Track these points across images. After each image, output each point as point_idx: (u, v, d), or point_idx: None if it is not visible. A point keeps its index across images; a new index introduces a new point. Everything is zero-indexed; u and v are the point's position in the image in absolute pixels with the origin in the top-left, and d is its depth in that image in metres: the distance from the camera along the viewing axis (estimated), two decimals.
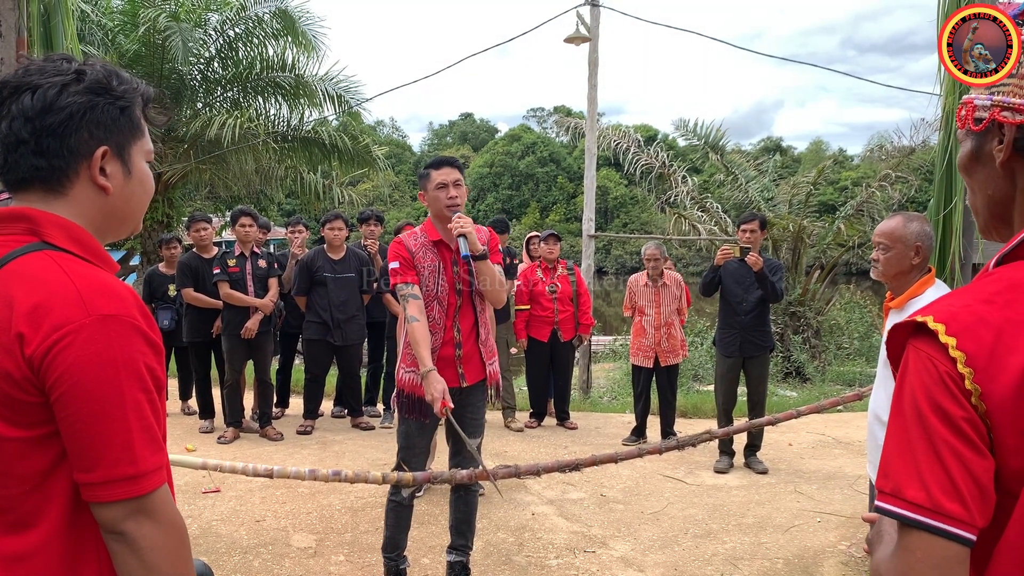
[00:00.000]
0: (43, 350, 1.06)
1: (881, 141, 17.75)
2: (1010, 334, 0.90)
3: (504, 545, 4.24)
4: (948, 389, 0.90)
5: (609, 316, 21.97)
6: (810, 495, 5.17)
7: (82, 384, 1.06)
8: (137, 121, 1.25)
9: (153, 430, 1.13)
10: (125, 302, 1.12)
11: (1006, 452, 0.89)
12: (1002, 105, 0.99)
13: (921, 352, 0.94)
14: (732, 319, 5.81)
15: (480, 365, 3.51)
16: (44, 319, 1.07)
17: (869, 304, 14.36)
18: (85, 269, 1.14)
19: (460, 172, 3.45)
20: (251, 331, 6.23)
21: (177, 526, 1.15)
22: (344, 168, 14.14)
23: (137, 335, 1.12)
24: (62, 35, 4.34)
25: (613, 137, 15.03)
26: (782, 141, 62.54)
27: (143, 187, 1.28)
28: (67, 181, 1.18)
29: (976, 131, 1.03)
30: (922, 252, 2.94)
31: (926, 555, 0.89)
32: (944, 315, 0.93)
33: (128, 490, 1.09)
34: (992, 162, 1.02)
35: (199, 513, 4.57)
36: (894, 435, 0.94)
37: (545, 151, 61.69)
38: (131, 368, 1.10)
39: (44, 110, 1.15)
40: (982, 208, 1.08)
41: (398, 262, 3.36)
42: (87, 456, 1.08)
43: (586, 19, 9.78)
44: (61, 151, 1.16)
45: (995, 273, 0.98)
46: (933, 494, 0.88)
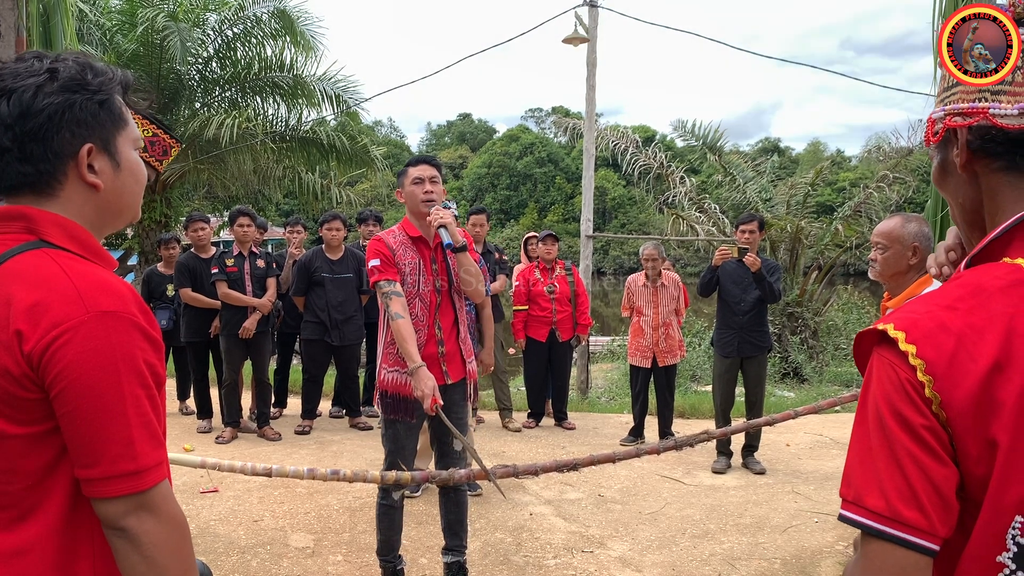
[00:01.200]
0: (42, 347, 1.06)
1: (879, 142, 17.71)
2: (972, 341, 0.89)
3: (502, 545, 4.24)
4: (909, 397, 0.90)
5: (607, 316, 21.98)
6: (807, 495, 5.18)
7: (81, 380, 1.06)
8: (119, 111, 1.22)
9: (153, 426, 1.13)
10: (123, 299, 1.12)
11: (968, 461, 0.88)
12: (953, 112, 1.01)
13: (884, 359, 0.93)
14: (730, 319, 5.82)
15: (461, 362, 3.53)
16: (43, 316, 1.07)
17: (867, 305, 14.39)
18: (83, 266, 1.14)
19: (438, 170, 3.49)
20: (249, 331, 6.22)
21: (179, 522, 1.15)
22: (342, 168, 14.14)
23: (136, 331, 1.12)
24: (61, 35, 4.33)
25: (611, 138, 15.06)
26: (780, 142, 62.62)
27: (134, 177, 1.26)
28: (56, 184, 1.17)
29: (936, 143, 1.05)
30: (920, 252, 2.94)
31: (885, 564, 0.88)
32: (905, 322, 0.93)
33: (129, 486, 1.09)
34: (956, 170, 1.03)
35: (197, 513, 4.57)
36: (857, 443, 0.94)
37: (543, 151, 61.74)
38: (130, 364, 1.10)
39: (22, 115, 1.13)
40: (959, 218, 1.09)
41: (379, 259, 3.36)
42: (88, 452, 1.08)
43: (584, 20, 9.79)
44: (46, 155, 1.15)
45: (962, 277, 0.98)
46: (892, 502, 0.88)
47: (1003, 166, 0.99)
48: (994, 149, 0.99)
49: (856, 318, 13.53)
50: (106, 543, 1.13)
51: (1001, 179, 1.00)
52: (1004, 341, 0.88)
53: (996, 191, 1.01)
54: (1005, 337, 0.88)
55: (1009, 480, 0.86)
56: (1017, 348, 0.88)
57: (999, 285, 0.92)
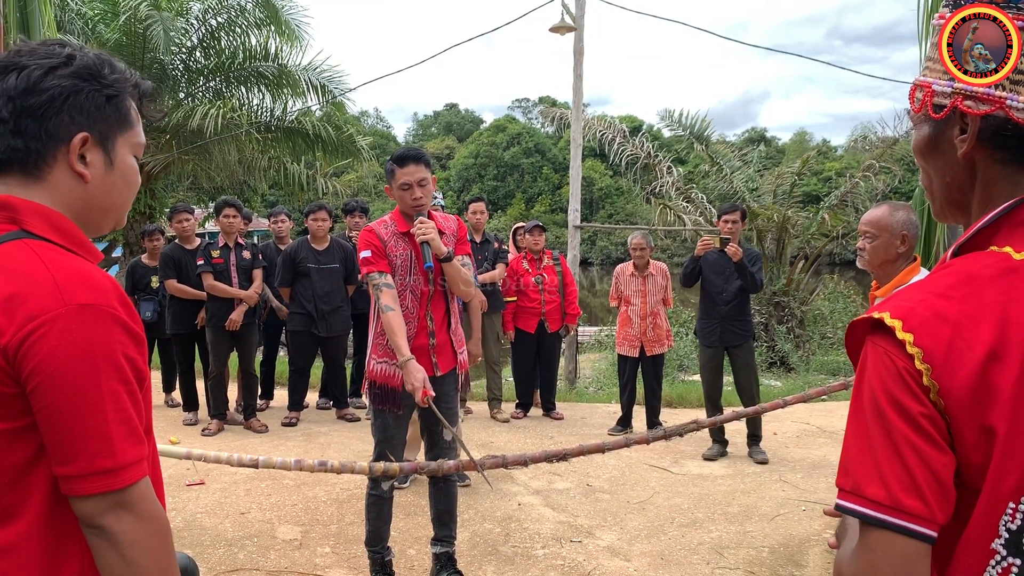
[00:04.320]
0: (18, 340, 1.04)
1: (865, 132, 17.81)
2: (967, 328, 0.88)
3: (490, 536, 4.24)
4: (906, 385, 0.89)
5: (595, 307, 21.98)
6: (795, 484, 5.20)
7: (58, 375, 1.04)
8: (126, 112, 1.22)
9: (132, 422, 1.10)
10: (104, 291, 1.10)
11: (966, 448, 0.88)
12: (964, 93, 0.97)
13: (879, 348, 0.93)
14: (712, 309, 5.85)
15: (452, 354, 3.52)
16: (19, 309, 1.05)
17: (853, 294, 14.46)
18: (64, 258, 1.12)
19: (427, 167, 3.38)
20: (235, 323, 6.19)
21: (158, 520, 1.13)
22: (328, 159, 14.06)
23: (116, 325, 1.09)
24: (39, 21, 4.26)
25: (598, 128, 15.05)
26: (767, 132, 62.80)
27: (125, 180, 1.25)
28: (44, 165, 1.16)
29: (936, 119, 1.01)
30: (908, 241, 2.95)
31: (887, 553, 0.88)
32: (901, 310, 0.92)
33: (107, 483, 1.06)
34: (952, 150, 1.00)
35: (183, 506, 4.54)
36: (853, 432, 0.93)
37: (530, 142, 61.68)
38: (109, 359, 1.08)
39: (27, 90, 1.13)
40: (939, 193, 1.07)
41: (370, 251, 3.33)
42: (64, 448, 1.06)
43: (571, 8, 9.74)
44: (39, 133, 1.15)
45: (951, 265, 0.97)
46: (893, 491, 0.87)
47: (1006, 158, 0.98)
48: (1004, 142, 0.96)
49: (842, 307, 13.61)
50: None
51: (1000, 170, 0.98)
52: (999, 329, 0.88)
53: (992, 181, 0.99)
54: (1000, 325, 0.88)
55: (1006, 467, 0.86)
56: (1012, 336, 0.87)
57: (990, 274, 0.92)
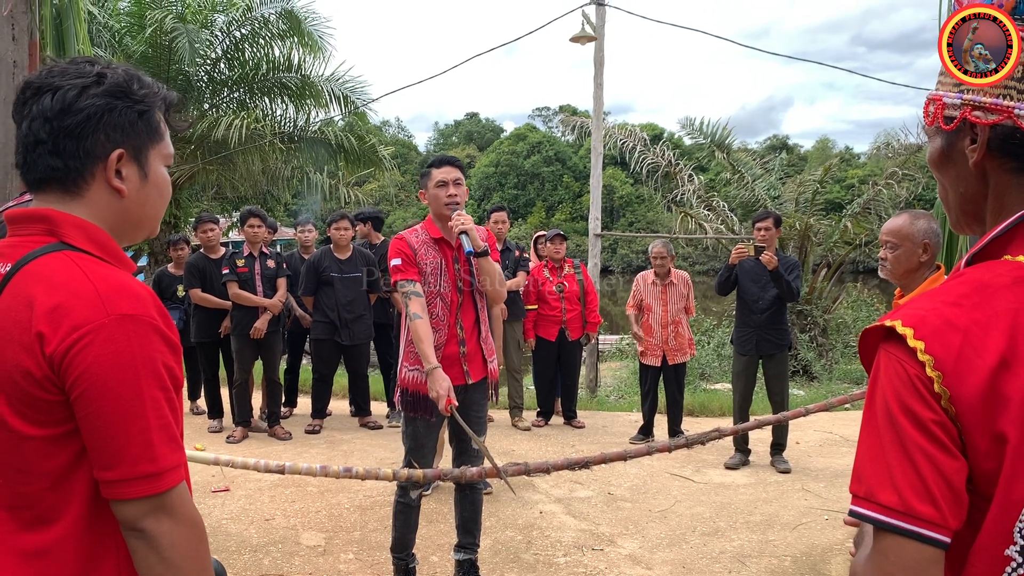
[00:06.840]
0: (63, 349, 1.07)
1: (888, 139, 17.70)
2: (977, 336, 0.89)
3: (512, 543, 4.25)
4: (918, 392, 0.90)
5: (615, 315, 21.92)
6: (817, 493, 5.17)
7: (102, 383, 1.08)
8: (156, 125, 1.26)
9: (171, 428, 1.14)
10: (143, 302, 1.14)
11: (977, 455, 0.89)
12: (973, 104, 0.98)
13: (891, 356, 0.94)
14: (748, 317, 5.80)
15: (482, 362, 3.53)
16: (64, 319, 1.08)
17: (876, 302, 14.33)
18: (103, 269, 1.15)
19: (461, 171, 3.47)
20: (260, 331, 6.26)
21: (196, 523, 1.17)
22: (350, 168, 14.16)
23: (155, 334, 1.13)
24: (74, 38, 4.36)
25: (619, 136, 15.05)
26: (788, 139, 62.51)
27: (159, 191, 1.29)
28: (83, 182, 1.20)
29: (947, 130, 1.02)
30: (930, 249, 2.93)
31: (900, 558, 0.89)
32: (912, 319, 0.93)
33: (148, 487, 1.10)
34: (964, 160, 1.01)
35: (209, 512, 4.59)
36: (866, 439, 0.94)
37: (551, 150, 61.62)
38: (150, 367, 1.11)
39: (63, 111, 1.16)
40: (954, 204, 1.08)
41: (400, 259, 3.36)
42: (107, 454, 1.09)
43: (592, 18, 9.78)
44: (77, 152, 1.18)
45: (964, 274, 0.98)
46: (905, 497, 0.88)
47: (1017, 167, 0.98)
48: (1014, 151, 0.97)
49: (865, 315, 13.49)
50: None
51: (1011, 179, 0.99)
52: (1009, 337, 0.89)
53: (1004, 191, 1.00)
54: (1010, 333, 0.89)
55: (1018, 474, 0.87)
56: (1023, 344, 0.88)
57: (1003, 282, 0.93)
